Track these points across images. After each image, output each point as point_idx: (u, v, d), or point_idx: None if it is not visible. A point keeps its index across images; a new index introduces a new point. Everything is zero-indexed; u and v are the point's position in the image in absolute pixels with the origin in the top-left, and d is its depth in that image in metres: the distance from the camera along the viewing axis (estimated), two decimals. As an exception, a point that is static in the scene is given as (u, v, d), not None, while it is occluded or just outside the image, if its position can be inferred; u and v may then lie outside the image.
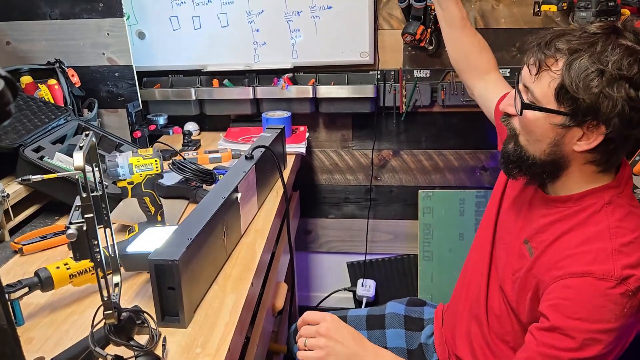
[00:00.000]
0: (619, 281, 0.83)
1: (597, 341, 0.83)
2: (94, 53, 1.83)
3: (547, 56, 0.88)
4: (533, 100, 0.91)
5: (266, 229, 1.30)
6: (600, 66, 0.83)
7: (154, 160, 1.15)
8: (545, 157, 0.94)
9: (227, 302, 0.99)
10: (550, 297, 0.89)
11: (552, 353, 0.86)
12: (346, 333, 1.00)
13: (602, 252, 0.86)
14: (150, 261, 0.88)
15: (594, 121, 0.85)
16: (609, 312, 0.83)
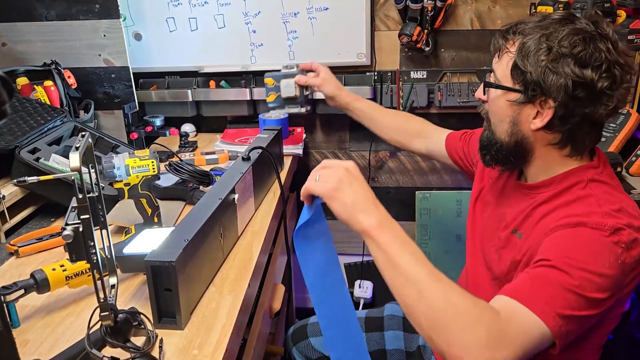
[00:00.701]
0: (612, 231, 0.85)
1: (593, 283, 0.81)
2: (90, 54, 1.82)
3: (507, 39, 0.96)
4: (494, 80, 0.99)
5: (263, 231, 1.29)
6: (548, 43, 0.90)
7: (151, 161, 1.15)
8: (509, 139, 0.99)
9: (224, 304, 0.99)
10: (546, 246, 0.88)
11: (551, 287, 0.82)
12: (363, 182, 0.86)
13: (593, 214, 0.88)
14: (147, 262, 0.88)
15: (542, 96, 0.92)
16: (604, 257, 0.83)
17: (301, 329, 1.50)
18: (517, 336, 0.77)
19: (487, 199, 1.18)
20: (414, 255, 0.80)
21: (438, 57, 1.98)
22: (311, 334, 1.47)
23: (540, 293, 0.81)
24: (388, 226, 0.82)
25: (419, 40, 1.87)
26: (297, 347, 1.47)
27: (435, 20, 1.88)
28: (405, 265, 0.79)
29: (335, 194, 0.84)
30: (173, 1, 1.93)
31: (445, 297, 0.77)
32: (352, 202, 0.83)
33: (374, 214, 0.83)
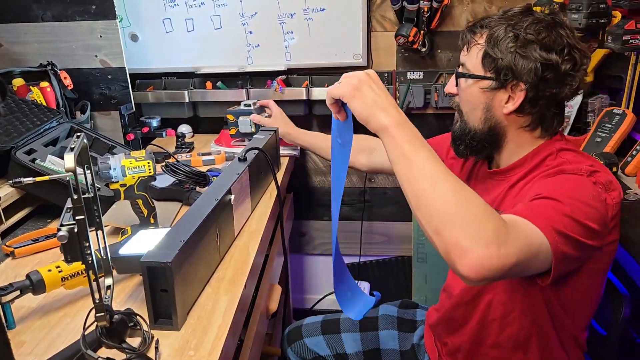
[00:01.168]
0: (589, 173, 0.94)
1: (582, 210, 0.88)
2: (86, 55, 1.82)
3: (475, 33, 1.04)
4: (465, 71, 1.05)
5: (260, 231, 1.29)
6: (515, 31, 0.98)
7: (147, 162, 1.15)
8: (482, 126, 1.06)
9: (221, 305, 0.99)
10: (532, 191, 0.94)
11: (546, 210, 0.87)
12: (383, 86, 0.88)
13: (568, 163, 0.98)
14: (143, 263, 0.88)
15: (513, 80, 0.99)
16: (587, 191, 0.91)
17: (296, 329, 1.50)
18: (520, 238, 0.80)
19: None
20: (430, 154, 0.83)
21: (434, 58, 1.99)
22: (306, 334, 1.47)
23: (539, 212, 0.87)
24: (407, 125, 0.85)
25: (416, 41, 1.87)
26: (292, 348, 1.47)
27: (431, 21, 1.88)
28: (421, 160, 0.81)
29: (355, 92, 0.86)
30: (170, 2, 1.93)
31: (457, 190, 0.79)
32: (373, 100, 0.85)
33: (393, 113, 0.85)
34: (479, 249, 0.74)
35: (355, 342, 1.41)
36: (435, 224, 0.78)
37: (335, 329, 1.45)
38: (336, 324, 1.47)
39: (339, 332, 1.45)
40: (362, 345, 1.41)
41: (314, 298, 2.42)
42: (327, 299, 2.41)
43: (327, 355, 1.43)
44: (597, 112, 1.70)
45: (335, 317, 1.48)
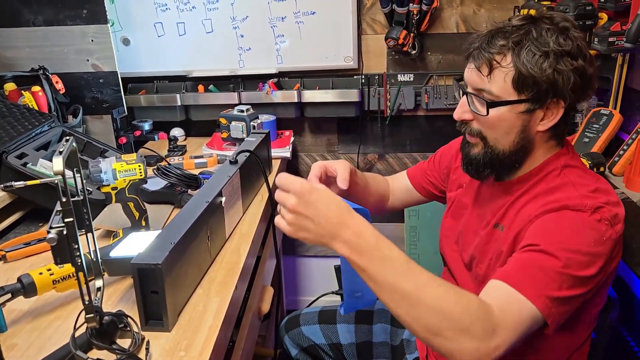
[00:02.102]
0: (593, 210, 0.89)
1: (579, 262, 0.86)
2: (78, 59, 1.83)
3: (494, 54, 0.94)
4: (493, 98, 0.95)
5: (251, 233, 1.30)
6: (544, 48, 0.91)
7: (138, 165, 1.15)
8: (514, 147, 0.99)
9: (211, 306, 1.00)
10: (533, 231, 0.92)
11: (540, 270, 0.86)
12: (318, 207, 0.82)
13: (572, 198, 0.93)
14: (133, 265, 0.88)
15: (554, 98, 0.94)
16: (589, 236, 0.88)
17: (294, 318, 1.53)
18: (511, 325, 0.81)
19: (463, 202, 1.19)
20: (395, 270, 0.80)
21: (424, 60, 2.01)
22: (303, 322, 1.49)
23: (530, 277, 0.86)
24: (360, 248, 0.80)
25: (406, 44, 1.89)
26: (289, 335, 1.49)
27: (421, 23, 1.90)
28: (387, 283, 0.80)
29: (295, 230, 0.83)
30: (161, 6, 1.94)
31: (436, 306, 0.79)
32: (316, 235, 0.82)
33: (342, 238, 0.81)
34: (471, 354, 0.78)
35: (350, 333, 1.43)
36: (424, 338, 0.81)
37: (332, 320, 1.47)
38: (333, 314, 1.48)
39: (335, 322, 1.47)
40: (355, 337, 1.42)
41: (307, 300, 2.43)
42: (321, 300, 2.41)
43: (322, 344, 1.45)
44: (585, 112, 1.72)
45: (333, 308, 1.50)
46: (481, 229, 1.09)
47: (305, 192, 0.81)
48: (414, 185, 1.38)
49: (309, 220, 0.82)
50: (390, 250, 0.81)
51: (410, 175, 1.40)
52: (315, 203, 0.82)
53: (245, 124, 1.80)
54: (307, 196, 0.81)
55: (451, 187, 1.26)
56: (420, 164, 1.39)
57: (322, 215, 0.81)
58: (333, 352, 1.43)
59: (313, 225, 0.81)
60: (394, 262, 0.80)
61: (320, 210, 0.81)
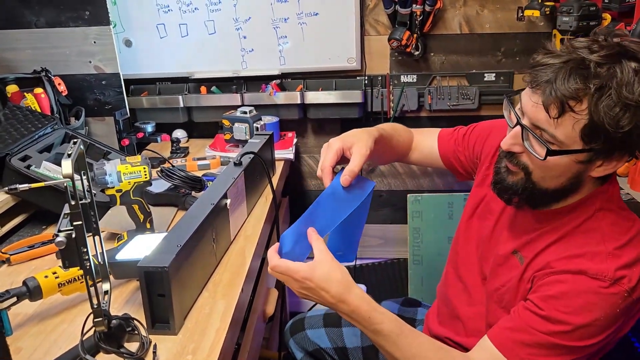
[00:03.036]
0: (612, 282, 0.84)
1: (582, 334, 0.84)
2: (80, 61, 1.82)
3: (568, 97, 0.81)
4: (553, 142, 0.85)
5: (256, 235, 1.30)
6: (627, 101, 0.79)
7: (143, 167, 1.15)
8: (559, 187, 0.92)
9: (218, 308, 0.99)
10: (543, 290, 0.89)
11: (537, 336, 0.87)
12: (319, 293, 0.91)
13: (597, 255, 0.87)
14: (140, 268, 0.88)
15: (621, 151, 0.85)
16: (599, 310, 0.84)
17: (299, 321, 1.52)
18: None
19: (492, 207, 1.13)
20: (386, 340, 0.91)
21: (428, 61, 2.00)
22: (308, 326, 1.48)
23: (523, 345, 0.88)
24: (356, 319, 0.92)
25: (409, 45, 1.88)
26: (294, 339, 1.48)
27: (424, 24, 1.89)
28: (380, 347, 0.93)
29: (303, 295, 0.94)
30: (163, 7, 1.93)
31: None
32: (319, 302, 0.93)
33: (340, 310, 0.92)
34: None
35: (356, 337, 1.42)
36: None
37: (337, 323, 1.46)
38: (338, 317, 1.47)
39: (341, 326, 1.45)
40: (361, 340, 1.41)
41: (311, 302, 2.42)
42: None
43: (327, 348, 1.44)
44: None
45: None
46: (500, 246, 1.06)
47: (305, 280, 0.90)
48: (441, 154, 1.29)
49: (310, 297, 0.93)
50: (381, 325, 0.91)
51: (440, 142, 1.29)
52: (314, 289, 0.90)
53: (248, 126, 1.80)
54: (307, 283, 0.90)
55: (481, 180, 1.19)
56: (455, 134, 1.27)
57: (322, 296, 0.91)
58: (338, 356, 1.42)
59: (315, 299, 0.93)
60: (384, 335, 0.91)
61: (320, 294, 0.91)
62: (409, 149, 1.33)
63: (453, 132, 1.29)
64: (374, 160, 1.20)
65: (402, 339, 0.90)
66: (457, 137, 1.27)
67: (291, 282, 0.93)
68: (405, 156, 1.34)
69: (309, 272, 0.89)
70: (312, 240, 0.94)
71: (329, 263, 0.91)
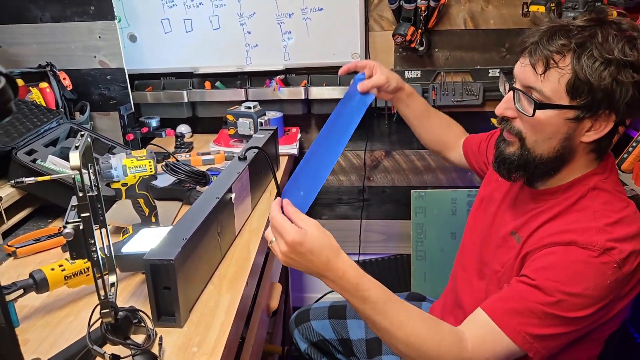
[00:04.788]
0: (602, 251, 0.85)
1: (573, 304, 0.85)
2: (85, 56, 1.83)
3: (553, 52, 0.88)
4: (542, 99, 0.90)
5: (260, 229, 1.30)
6: (607, 55, 0.85)
7: (148, 161, 1.15)
8: (553, 154, 0.94)
9: (223, 302, 1.00)
10: (535, 263, 0.91)
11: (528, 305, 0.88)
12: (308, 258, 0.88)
13: (588, 230, 0.89)
14: (146, 261, 0.88)
15: (607, 110, 0.88)
16: (589, 279, 0.85)
17: (304, 312, 1.53)
18: None
19: (494, 196, 1.17)
20: (373, 308, 0.89)
21: (432, 57, 2.00)
22: (313, 317, 1.50)
23: (515, 314, 0.88)
24: (343, 286, 0.89)
25: (413, 40, 1.88)
26: (299, 329, 1.49)
27: (428, 20, 1.89)
28: (368, 317, 0.90)
29: (287, 263, 0.91)
30: (168, 2, 1.94)
31: (409, 342, 0.88)
32: (305, 270, 0.91)
33: (327, 278, 0.90)
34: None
35: (360, 329, 1.43)
36: None
37: (342, 315, 1.47)
38: (343, 310, 1.48)
39: (345, 317, 1.47)
40: (365, 332, 1.42)
41: (314, 297, 2.43)
42: (327, 297, 2.41)
43: (331, 339, 1.45)
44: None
45: (343, 303, 1.50)
46: (499, 228, 1.08)
47: (295, 245, 0.87)
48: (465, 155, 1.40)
49: (298, 263, 0.90)
50: (368, 292, 0.89)
51: (466, 146, 1.40)
52: (305, 254, 0.88)
53: (252, 121, 1.80)
54: (297, 247, 0.87)
55: (489, 178, 1.23)
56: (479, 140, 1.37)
57: (310, 262, 0.88)
58: (342, 347, 1.43)
59: (303, 265, 0.90)
60: (372, 302, 0.89)
61: (309, 259, 0.88)
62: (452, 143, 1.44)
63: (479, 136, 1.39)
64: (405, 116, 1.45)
65: (389, 306, 0.89)
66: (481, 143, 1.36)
67: (281, 244, 0.88)
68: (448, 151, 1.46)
69: (300, 237, 0.86)
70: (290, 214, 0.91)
71: (318, 229, 0.89)
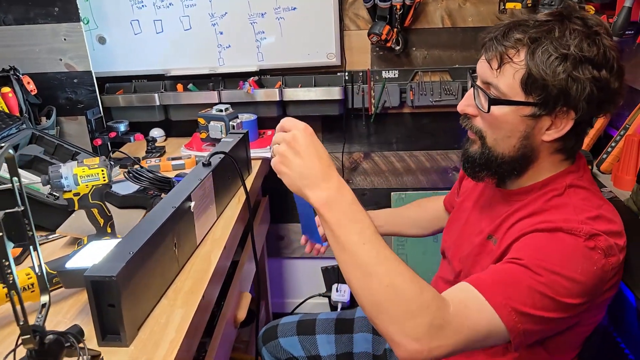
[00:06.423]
0: (588, 236, 0.82)
1: (562, 286, 0.79)
2: (50, 59, 1.77)
3: (507, 47, 0.86)
4: (498, 95, 0.89)
5: (224, 238, 1.25)
6: (563, 50, 0.83)
7: (101, 170, 1.10)
8: (514, 153, 0.92)
9: (175, 318, 0.95)
10: (517, 246, 0.86)
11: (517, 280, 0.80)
12: (313, 150, 0.80)
13: (570, 220, 0.85)
14: (87, 277, 0.83)
15: (564, 107, 0.85)
16: (577, 262, 0.81)
17: (272, 329, 1.47)
18: (463, 328, 0.77)
19: (465, 205, 1.15)
20: (362, 235, 0.78)
21: (410, 56, 1.95)
22: (281, 334, 1.44)
23: (502, 286, 0.80)
24: (336, 203, 0.79)
25: (389, 40, 1.83)
26: (267, 347, 1.44)
27: (404, 18, 1.85)
28: (351, 246, 0.77)
29: (281, 167, 0.82)
30: (137, 3, 1.88)
31: (390, 281, 0.75)
32: (299, 175, 0.80)
33: (320, 189, 0.79)
34: (409, 344, 0.74)
35: (330, 344, 1.39)
36: (369, 314, 0.78)
37: (310, 330, 1.42)
38: (312, 325, 1.43)
39: (314, 333, 1.42)
40: (335, 347, 1.38)
41: (295, 302, 2.38)
42: (308, 302, 2.37)
43: (300, 357, 1.40)
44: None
45: (312, 317, 1.45)
46: (475, 236, 1.04)
47: (310, 131, 0.81)
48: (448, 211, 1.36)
49: (299, 157, 0.80)
50: (362, 215, 0.79)
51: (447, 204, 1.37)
52: (315, 144, 0.81)
53: (224, 124, 1.75)
54: (310, 136, 0.81)
55: (462, 191, 1.21)
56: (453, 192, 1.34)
57: (314, 157, 0.80)
58: (312, 364, 1.38)
59: (301, 163, 0.80)
60: (362, 227, 0.78)
61: (315, 153, 0.80)
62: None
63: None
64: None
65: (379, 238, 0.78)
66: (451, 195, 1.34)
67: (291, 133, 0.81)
68: None
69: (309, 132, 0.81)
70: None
71: None
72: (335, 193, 0.80)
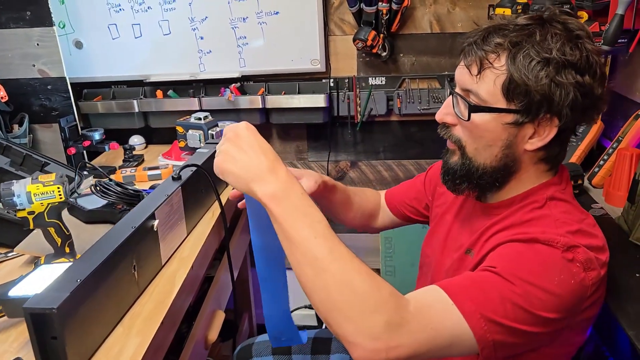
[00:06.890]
0: (566, 248, 0.77)
1: (537, 298, 0.74)
2: (23, 65, 1.72)
3: (487, 52, 0.82)
4: (479, 102, 0.84)
5: (192, 257, 1.18)
6: (545, 54, 0.79)
7: (56, 187, 1.04)
8: (496, 163, 0.87)
9: (129, 348, 0.88)
10: (492, 255, 0.81)
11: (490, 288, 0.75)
12: (257, 145, 0.77)
13: (548, 232, 0.80)
14: (25, 309, 0.77)
15: (547, 114, 0.82)
16: (553, 274, 0.76)
17: (246, 348, 1.41)
18: (424, 328, 0.71)
19: (446, 218, 1.09)
20: (313, 230, 0.72)
21: (397, 63, 1.89)
22: (256, 353, 1.38)
23: (473, 291, 0.75)
24: (285, 196, 0.74)
25: (375, 45, 1.77)
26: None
27: (391, 24, 1.78)
28: (301, 241, 0.72)
29: (225, 165, 0.78)
30: (114, 7, 1.82)
31: (344, 278, 0.70)
32: (245, 170, 0.76)
33: (268, 182, 0.75)
34: (366, 343, 0.68)
35: None
36: (322, 313, 0.72)
37: (286, 350, 1.36)
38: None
39: (290, 353, 1.35)
40: None
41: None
42: (295, 314, 2.30)
43: None
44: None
45: None
46: (454, 251, 0.99)
47: (252, 128, 0.79)
48: (390, 208, 1.29)
49: (243, 152, 0.77)
50: (313, 209, 0.75)
51: (388, 198, 1.30)
52: (259, 140, 0.78)
53: (202, 133, 1.69)
54: (253, 132, 0.78)
55: (437, 203, 1.15)
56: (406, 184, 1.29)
57: (259, 152, 0.76)
58: (287, 384, 1.32)
59: (246, 159, 0.76)
60: (313, 220, 0.73)
61: (259, 148, 0.77)
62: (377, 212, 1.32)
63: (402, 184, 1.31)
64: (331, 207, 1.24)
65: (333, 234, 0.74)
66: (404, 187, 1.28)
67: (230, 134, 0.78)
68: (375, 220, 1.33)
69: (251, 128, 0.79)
70: None
71: None
72: (283, 185, 0.75)
